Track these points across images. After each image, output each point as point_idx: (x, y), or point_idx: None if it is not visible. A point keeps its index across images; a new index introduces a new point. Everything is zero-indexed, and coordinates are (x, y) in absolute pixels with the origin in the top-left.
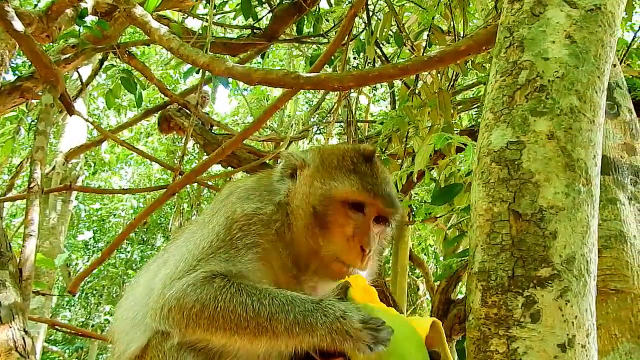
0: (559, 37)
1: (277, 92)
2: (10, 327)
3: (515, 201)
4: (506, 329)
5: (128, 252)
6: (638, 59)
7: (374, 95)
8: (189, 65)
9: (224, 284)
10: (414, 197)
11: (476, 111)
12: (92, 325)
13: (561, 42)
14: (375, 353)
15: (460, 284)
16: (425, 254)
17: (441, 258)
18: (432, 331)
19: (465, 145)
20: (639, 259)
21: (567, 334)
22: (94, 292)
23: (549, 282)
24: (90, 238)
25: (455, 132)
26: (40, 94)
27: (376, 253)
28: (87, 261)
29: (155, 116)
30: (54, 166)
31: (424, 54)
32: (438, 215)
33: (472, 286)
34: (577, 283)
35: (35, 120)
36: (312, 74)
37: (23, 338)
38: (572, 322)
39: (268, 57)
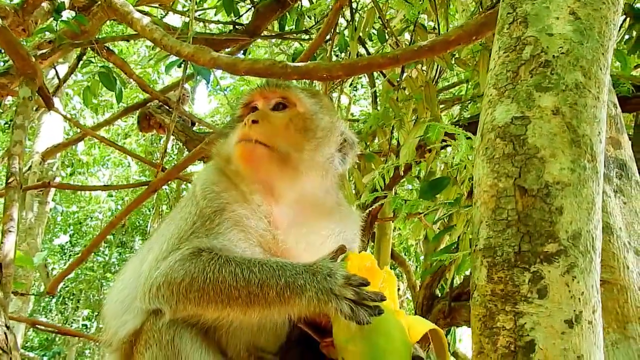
0: (562, 13)
1: None
2: None
3: (521, 176)
4: (513, 305)
5: (106, 255)
6: (616, 61)
7: (355, 95)
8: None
9: (212, 256)
10: (396, 195)
11: (459, 108)
12: None
13: (565, 19)
14: (358, 328)
15: (444, 279)
16: (406, 254)
17: (422, 258)
18: (433, 339)
19: (454, 138)
20: (625, 250)
21: (574, 310)
22: (72, 296)
23: (556, 257)
24: (66, 242)
25: None
26: (16, 89)
27: (311, 140)
28: (64, 265)
29: (133, 116)
30: (30, 166)
31: (414, 44)
32: (423, 212)
33: (477, 263)
34: (584, 259)
35: (10, 121)
36: (300, 64)
37: (5, 334)
38: (579, 299)
39: (249, 55)
